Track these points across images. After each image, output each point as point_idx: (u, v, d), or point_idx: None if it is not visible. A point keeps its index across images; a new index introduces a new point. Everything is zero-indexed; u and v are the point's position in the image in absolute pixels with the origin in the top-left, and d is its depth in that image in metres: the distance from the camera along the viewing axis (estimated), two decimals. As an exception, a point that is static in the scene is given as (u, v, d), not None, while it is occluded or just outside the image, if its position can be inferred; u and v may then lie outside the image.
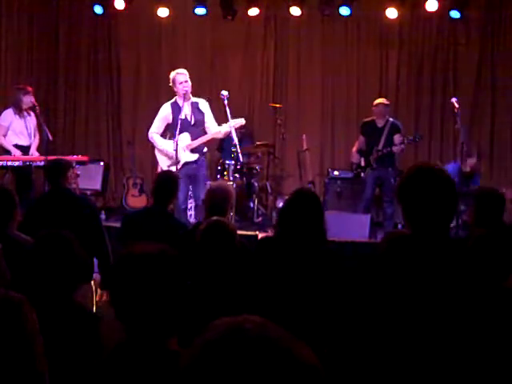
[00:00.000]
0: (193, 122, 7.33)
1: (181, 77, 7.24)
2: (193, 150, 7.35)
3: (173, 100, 7.42)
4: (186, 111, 7.29)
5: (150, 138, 7.57)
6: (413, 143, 8.61)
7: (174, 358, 1.83)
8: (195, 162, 7.35)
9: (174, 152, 7.13)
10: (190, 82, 7.27)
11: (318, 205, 3.80)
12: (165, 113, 7.41)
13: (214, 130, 7.37)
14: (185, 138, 7.27)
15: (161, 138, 7.47)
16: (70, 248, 2.83)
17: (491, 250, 3.14)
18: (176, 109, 7.28)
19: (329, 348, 3.24)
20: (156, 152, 7.59)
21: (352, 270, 2.28)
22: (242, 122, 7.49)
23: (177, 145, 7.12)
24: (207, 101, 7.62)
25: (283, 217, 3.81)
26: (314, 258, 3.62)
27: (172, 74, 7.33)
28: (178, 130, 7.11)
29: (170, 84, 7.36)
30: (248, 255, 3.78)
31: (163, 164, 7.48)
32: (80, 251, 2.87)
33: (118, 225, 7.41)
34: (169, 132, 7.51)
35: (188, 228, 4.87)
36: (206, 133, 7.39)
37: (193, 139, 7.30)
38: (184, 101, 7.22)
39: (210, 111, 7.48)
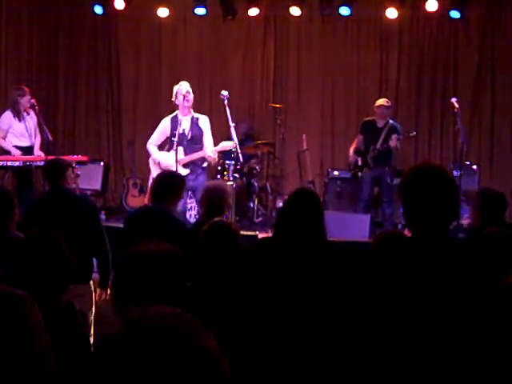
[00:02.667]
0: (189, 137, 7.31)
1: (183, 89, 7.20)
2: (185, 165, 7.32)
3: (173, 114, 7.39)
4: (185, 125, 7.26)
5: (147, 148, 7.59)
6: (411, 139, 8.65)
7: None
8: (188, 175, 7.24)
9: (174, 163, 7.11)
10: (192, 95, 7.23)
11: (317, 204, 3.80)
12: (163, 126, 7.42)
13: (207, 149, 7.26)
14: (178, 152, 7.23)
15: (156, 150, 7.49)
16: (57, 247, 2.82)
17: (504, 247, 3.19)
18: (175, 123, 7.25)
19: (328, 347, 3.24)
20: (150, 162, 7.60)
21: (352, 269, 2.29)
22: (230, 145, 7.37)
23: (176, 155, 7.10)
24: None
25: (283, 216, 3.81)
26: (313, 258, 3.62)
27: (175, 88, 7.28)
28: (175, 143, 7.09)
29: (173, 98, 7.29)
30: (249, 256, 3.78)
31: (155, 174, 7.47)
32: (67, 252, 2.86)
33: (118, 225, 7.45)
34: (167, 145, 7.51)
35: (186, 228, 4.87)
36: (202, 149, 7.35)
37: (187, 154, 7.29)
38: (184, 115, 7.19)
39: (209, 129, 7.40)
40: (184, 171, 7.29)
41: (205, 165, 7.47)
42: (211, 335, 1.18)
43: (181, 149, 7.26)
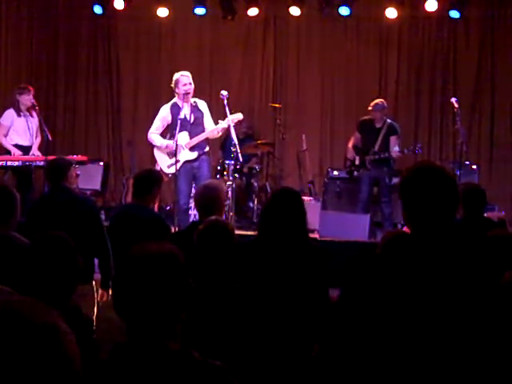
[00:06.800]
0: (192, 121, 7.36)
1: (185, 79, 7.27)
2: (192, 148, 7.37)
3: (172, 101, 7.45)
4: (186, 111, 7.32)
5: (148, 139, 7.60)
6: (412, 154, 8.52)
7: (175, 356, 1.85)
8: (195, 160, 7.38)
9: (174, 152, 7.16)
10: (193, 85, 7.30)
11: (299, 203, 3.78)
12: (164, 113, 7.45)
13: (210, 129, 7.40)
14: (183, 137, 7.30)
15: (159, 137, 7.50)
16: (68, 250, 2.82)
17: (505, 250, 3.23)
18: (175, 109, 7.31)
19: (320, 345, 3.25)
20: (155, 152, 7.61)
21: (349, 269, 2.28)
22: (239, 116, 7.52)
23: (176, 144, 7.14)
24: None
25: (265, 216, 3.80)
26: (296, 256, 3.61)
27: (176, 76, 7.34)
28: (177, 129, 7.13)
29: (172, 85, 7.36)
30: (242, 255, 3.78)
31: (163, 164, 7.49)
32: (76, 253, 2.85)
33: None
34: (168, 132, 7.53)
35: (163, 222, 5.01)
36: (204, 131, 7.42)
37: (192, 138, 7.34)
38: (183, 101, 7.24)
39: (208, 111, 7.52)
40: (192, 155, 7.34)
41: (206, 149, 7.50)
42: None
43: (186, 133, 7.31)
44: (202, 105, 7.49)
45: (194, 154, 7.37)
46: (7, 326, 1.24)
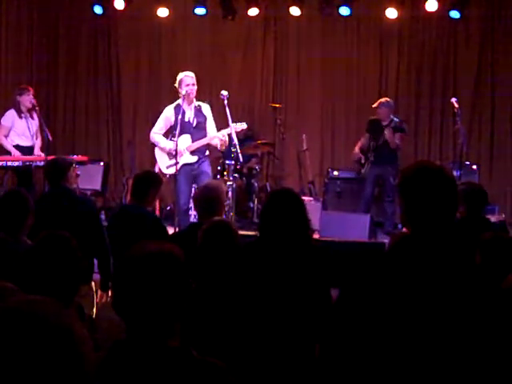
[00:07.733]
0: (195, 124, 7.37)
1: (188, 79, 7.28)
2: (193, 152, 7.37)
3: (176, 103, 7.44)
4: (189, 114, 7.32)
5: (151, 138, 7.60)
6: (411, 138, 8.62)
7: (174, 354, 1.85)
8: (195, 163, 7.38)
9: (174, 153, 7.16)
10: (195, 86, 7.29)
11: (298, 203, 3.77)
12: (168, 114, 7.45)
13: (212, 134, 7.38)
14: (185, 140, 7.30)
15: (162, 137, 7.50)
16: (71, 249, 2.82)
17: (499, 253, 3.23)
18: (179, 111, 7.30)
19: (321, 345, 3.24)
20: (156, 151, 7.61)
21: (351, 269, 2.28)
22: (243, 126, 7.53)
23: (176, 146, 7.15)
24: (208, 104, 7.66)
25: (263, 217, 3.79)
26: (297, 256, 3.61)
27: (180, 76, 7.35)
28: (177, 131, 7.13)
29: (176, 84, 7.36)
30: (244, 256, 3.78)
31: (162, 164, 7.50)
32: (79, 252, 2.86)
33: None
34: (170, 134, 7.53)
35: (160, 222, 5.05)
36: (206, 136, 7.42)
37: (193, 141, 7.34)
38: (187, 103, 7.24)
39: (211, 116, 7.51)
40: (192, 158, 7.35)
41: (207, 153, 7.51)
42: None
43: (188, 136, 7.32)
44: (206, 109, 7.48)
45: (195, 158, 7.38)
46: (24, 326, 1.23)
